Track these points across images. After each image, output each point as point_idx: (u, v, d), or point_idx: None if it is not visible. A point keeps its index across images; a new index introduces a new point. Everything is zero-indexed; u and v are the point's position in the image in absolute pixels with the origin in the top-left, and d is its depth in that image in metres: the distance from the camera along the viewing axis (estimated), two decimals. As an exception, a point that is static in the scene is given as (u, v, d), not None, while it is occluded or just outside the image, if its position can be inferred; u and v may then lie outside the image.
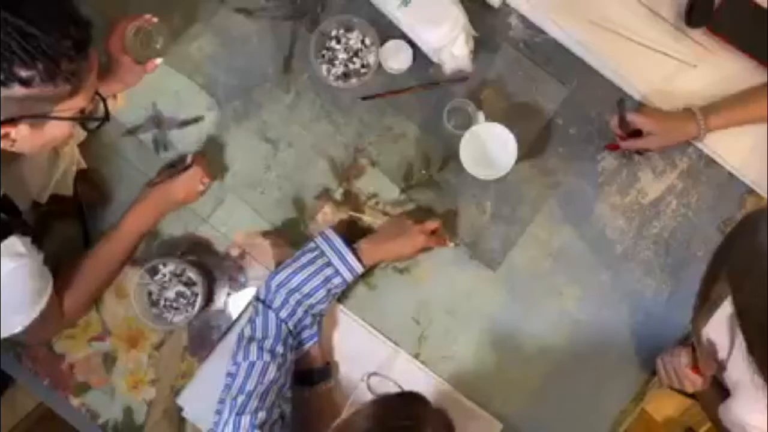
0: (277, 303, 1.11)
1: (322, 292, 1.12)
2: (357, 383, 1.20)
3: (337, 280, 1.14)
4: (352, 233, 1.20)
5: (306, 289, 1.12)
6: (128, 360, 1.22)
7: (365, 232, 1.22)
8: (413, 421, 0.83)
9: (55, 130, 0.91)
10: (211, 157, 1.25)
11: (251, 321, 1.11)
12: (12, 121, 0.86)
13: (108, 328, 1.22)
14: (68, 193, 1.20)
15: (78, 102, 0.90)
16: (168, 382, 1.21)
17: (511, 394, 1.21)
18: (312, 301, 1.12)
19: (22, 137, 0.89)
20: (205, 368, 1.21)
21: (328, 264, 1.13)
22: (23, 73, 0.81)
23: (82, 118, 0.95)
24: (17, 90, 0.82)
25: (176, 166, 1.23)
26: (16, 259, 0.94)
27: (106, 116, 0.99)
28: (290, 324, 1.11)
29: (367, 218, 1.24)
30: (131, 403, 1.21)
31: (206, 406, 1.10)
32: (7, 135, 0.87)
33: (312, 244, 1.15)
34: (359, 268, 1.15)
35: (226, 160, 1.27)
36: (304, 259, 1.13)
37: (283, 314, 1.11)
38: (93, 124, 1.00)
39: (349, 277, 1.14)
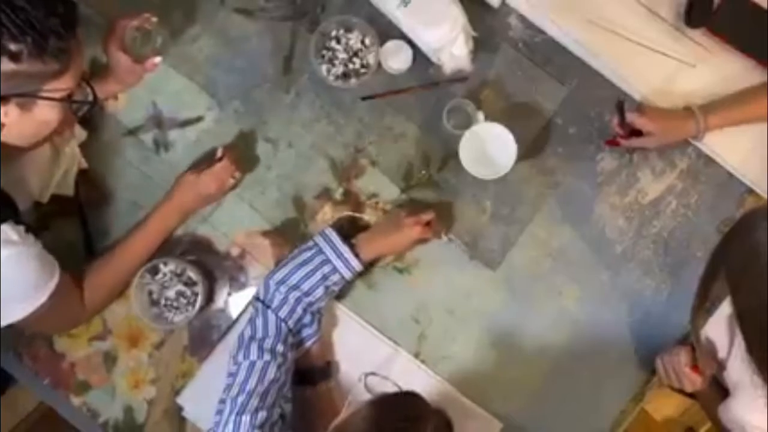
0: (276, 302, 1.11)
1: (320, 290, 1.13)
2: (356, 383, 1.20)
3: (335, 278, 1.14)
4: (353, 232, 1.20)
5: (305, 287, 1.12)
6: (129, 359, 1.22)
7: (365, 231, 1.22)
8: (412, 421, 0.83)
9: (45, 112, 0.91)
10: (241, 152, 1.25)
11: (251, 321, 1.11)
12: None
13: (109, 327, 1.22)
14: (69, 192, 1.20)
15: (65, 82, 0.90)
16: (168, 382, 1.22)
17: (511, 394, 1.21)
18: (310, 299, 1.12)
19: (11, 121, 0.88)
20: (206, 368, 1.21)
21: (326, 261, 1.13)
22: (12, 47, 0.82)
23: (70, 100, 0.94)
24: (5, 64, 0.82)
25: (206, 162, 1.22)
26: (10, 247, 0.94)
27: (95, 100, 0.99)
28: (290, 323, 1.11)
29: (368, 218, 1.24)
30: (132, 402, 1.21)
31: (206, 405, 1.10)
32: None
33: (310, 243, 1.16)
34: (357, 266, 1.15)
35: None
36: (301, 257, 1.14)
37: (283, 313, 1.11)
38: (82, 109, 0.99)
39: (347, 274, 1.14)
